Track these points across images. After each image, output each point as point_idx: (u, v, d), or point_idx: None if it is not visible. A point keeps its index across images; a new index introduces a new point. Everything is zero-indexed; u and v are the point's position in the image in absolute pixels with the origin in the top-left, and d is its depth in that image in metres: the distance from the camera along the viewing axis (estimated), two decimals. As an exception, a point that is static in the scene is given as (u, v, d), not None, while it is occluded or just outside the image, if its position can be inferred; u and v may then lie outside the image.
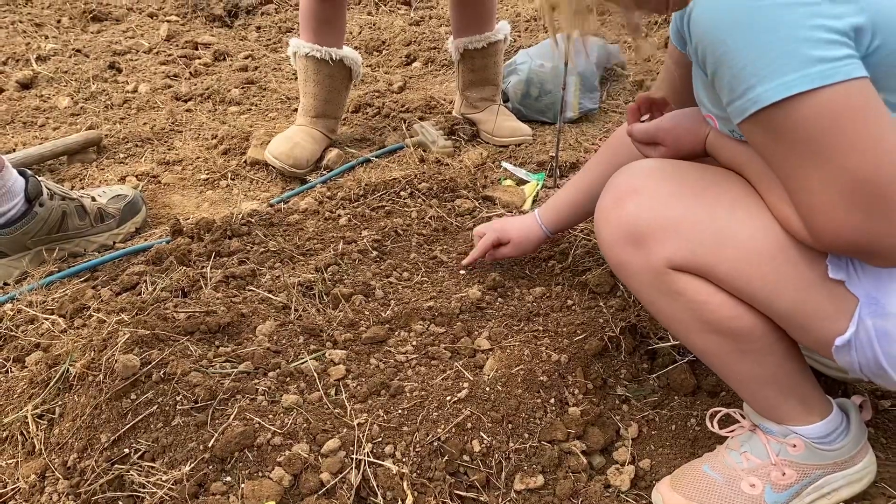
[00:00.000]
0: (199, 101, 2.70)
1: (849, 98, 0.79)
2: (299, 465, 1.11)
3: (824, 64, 0.78)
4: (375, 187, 1.97)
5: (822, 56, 0.78)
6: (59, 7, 3.58)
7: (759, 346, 1.02)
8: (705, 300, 0.99)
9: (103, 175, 2.19)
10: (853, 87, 0.79)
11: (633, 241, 1.01)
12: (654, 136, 1.14)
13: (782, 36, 0.79)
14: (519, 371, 1.28)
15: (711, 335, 1.03)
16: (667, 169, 1.04)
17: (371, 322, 1.45)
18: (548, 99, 2.49)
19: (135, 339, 1.28)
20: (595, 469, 1.22)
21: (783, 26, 0.78)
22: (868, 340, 0.91)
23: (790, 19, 0.78)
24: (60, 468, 1.16)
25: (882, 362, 0.92)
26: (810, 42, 0.78)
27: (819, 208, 0.85)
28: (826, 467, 1.10)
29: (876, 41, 0.80)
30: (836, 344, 0.93)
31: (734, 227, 0.96)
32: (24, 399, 1.27)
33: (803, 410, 1.08)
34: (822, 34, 0.78)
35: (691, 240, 0.97)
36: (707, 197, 0.99)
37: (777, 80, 0.80)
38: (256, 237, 1.75)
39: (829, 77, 0.78)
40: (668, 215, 0.99)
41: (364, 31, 3.43)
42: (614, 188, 1.05)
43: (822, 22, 0.78)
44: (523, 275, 1.61)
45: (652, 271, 1.01)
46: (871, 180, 0.80)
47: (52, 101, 2.66)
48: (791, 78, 0.79)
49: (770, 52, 0.80)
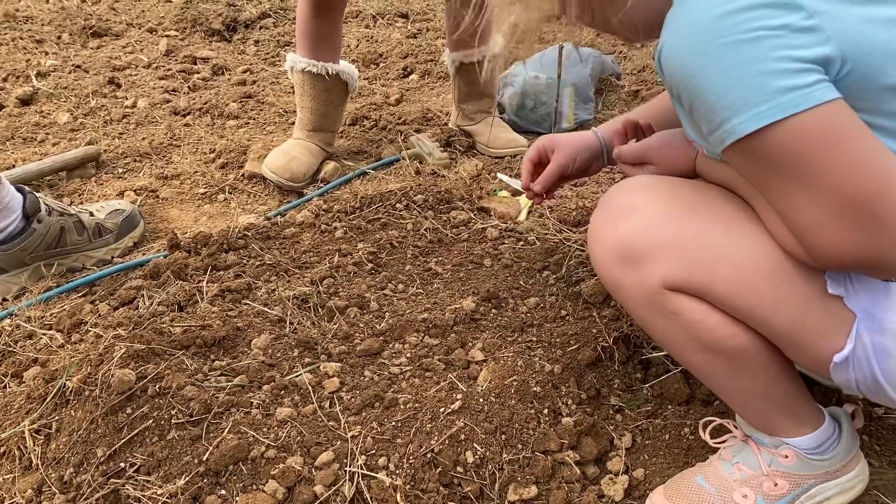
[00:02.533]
0: (198, 115, 2.72)
1: (823, 121, 0.80)
2: (293, 477, 1.11)
3: (794, 92, 0.79)
4: (371, 200, 1.98)
5: (790, 85, 0.79)
6: (60, 23, 3.61)
7: (753, 365, 1.01)
8: (700, 320, 0.99)
9: (102, 190, 2.21)
10: (827, 110, 0.80)
11: (628, 260, 1.00)
12: (644, 156, 1.14)
13: (750, 70, 0.79)
14: (512, 382, 1.29)
15: (706, 354, 1.02)
16: (662, 186, 1.03)
17: (366, 334, 1.46)
18: (543, 110, 2.51)
19: (131, 354, 1.29)
20: (589, 479, 1.22)
21: (750, 60, 0.79)
22: (865, 357, 0.91)
23: (756, 53, 0.79)
24: (57, 483, 1.17)
25: (879, 378, 0.92)
26: (777, 73, 0.79)
27: (811, 229, 0.85)
28: (818, 477, 1.10)
29: (847, 66, 0.81)
30: (835, 361, 0.93)
31: (731, 245, 0.95)
32: (22, 414, 1.28)
33: (795, 423, 1.08)
34: (788, 64, 0.78)
35: (687, 259, 0.96)
36: (703, 215, 0.98)
37: (749, 112, 0.80)
38: (253, 251, 1.76)
39: (799, 104, 0.79)
40: (664, 234, 0.98)
41: (361, 44, 3.46)
42: (608, 205, 1.04)
43: (787, 52, 0.78)
44: (517, 286, 1.62)
45: (647, 291, 1.00)
46: (856, 197, 0.80)
47: (52, 117, 2.68)
48: (762, 109, 0.80)
49: (739, 85, 0.80)
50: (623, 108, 2.72)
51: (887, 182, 0.80)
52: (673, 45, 0.85)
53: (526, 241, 1.80)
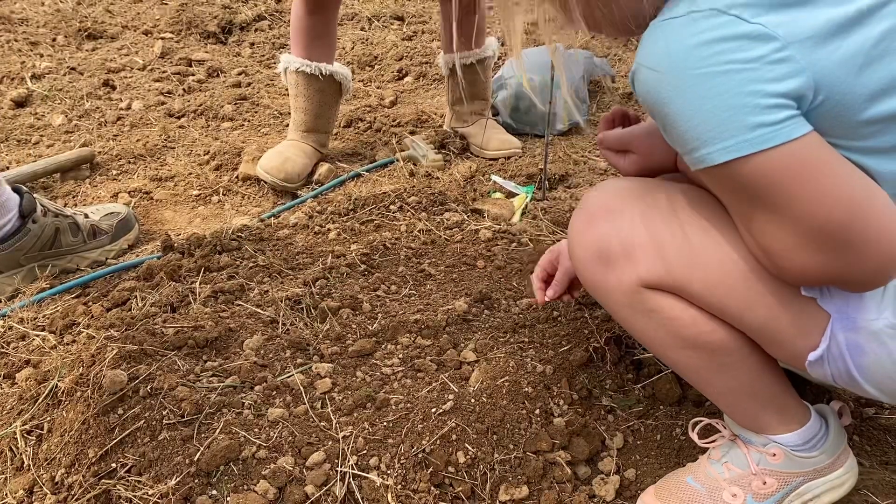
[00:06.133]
0: (192, 117, 2.72)
1: (791, 157, 0.80)
2: (284, 478, 1.12)
3: (763, 128, 0.78)
4: (365, 201, 1.98)
5: (760, 122, 0.78)
6: (55, 25, 3.61)
7: (734, 360, 1.02)
8: (678, 316, 1.00)
9: (96, 192, 2.21)
10: (795, 147, 0.80)
11: (605, 260, 1.01)
12: (628, 143, 1.14)
13: (720, 104, 0.79)
14: (504, 382, 1.30)
15: (687, 350, 1.03)
16: (639, 188, 1.04)
17: (358, 335, 1.46)
18: (537, 112, 2.51)
19: (123, 355, 1.30)
20: (580, 479, 1.22)
21: (722, 94, 0.79)
22: (840, 354, 0.93)
23: (728, 87, 0.78)
24: (48, 483, 1.17)
25: (853, 373, 0.93)
26: (747, 108, 0.78)
27: (779, 252, 0.86)
28: (807, 474, 1.11)
29: (820, 96, 0.80)
30: (810, 359, 0.95)
31: (707, 247, 0.96)
32: (14, 415, 1.28)
33: (781, 420, 1.09)
34: (759, 100, 0.78)
35: (664, 258, 0.98)
36: (680, 217, 0.99)
37: (717, 144, 0.80)
38: (246, 252, 1.76)
39: (768, 141, 0.79)
40: (641, 235, 0.99)
41: (357, 47, 3.46)
42: (586, 208, 1.05)
43: (759, 87, 0.78)
44: (510, 287, 1.63)
45: (625, 290, 1.01)
46: (824, 227, 0.81)
47: (47, 119, 2.68)
48: (731, 143, 0.80)
49: (710, 118, 0.80)
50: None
51: (855, 210, 0.81)
52: (646, 72, 0.85)
53: (519, 243, 1.81)
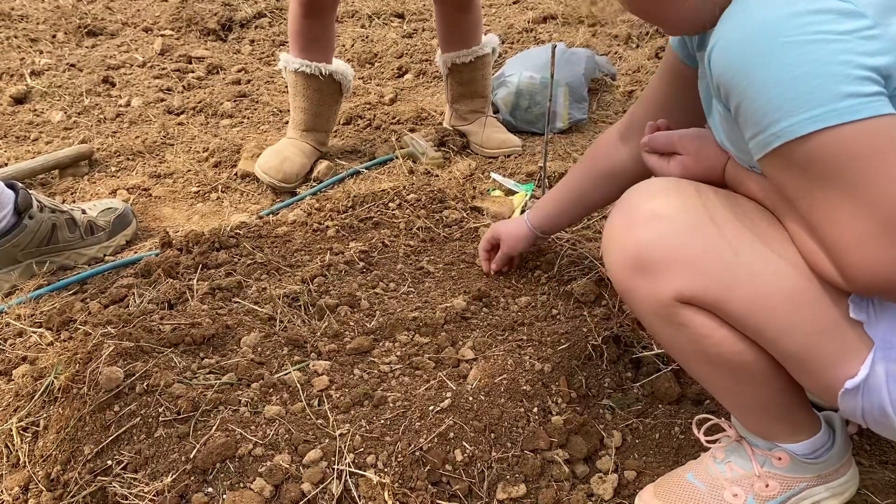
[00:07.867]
0: (192, 114, 2.72)
1: (878, 133, 0.77)
2: (280, 475, 1.11)
3: (853, 99, 0.76)
4: (364, 199, 1.98)
5: (851, 91, 0.76)
6: (55, 22, 3.60)
7: (757, 381, 1.00)
8: (708, 335, 0.97)
9: (95, 188, 2.20)
10: (882, 123, 0.77)
11: (642, 269, 0.97)
12: (676, 144, 1.10)
13: (811, 71, 0.77)
14: (502, 381, 1.29)
15: (710, 366, 1.01)
16: (687, 191, 0.98)
17: (356, 333, 1.46)
18: (538, 110, 2.50)
19: (119, 352, 1.29)
20: (578, 478, 1.22)
21: (813, 61, 0.77)
22: (877, 385, 0.88)
23: (820, 55, 0.77)
24: (44, 480, 1.17)
25: (887, 409, 0.88)
26: (839, 77, 0.76)
27: (847, 245, 0.81)
28: (810, 480, 1.10)
29: None
30: (846, 387, 0.90)
31: (755, 265, 0.92)
32: (10, 412, 1.28)
33: (792, 430, 1.07)
34: (851, 70, 0.76)
35: (705, 275, 0.94)
36: (730, 230, 0.94)
37: (804, 113, 0.78)
38: (244, 249, 1.76)
39: (857, 112, 0.76)
40: (685, 249, 0.94)
41: (357, 44, 3.45)
42: (628, 208, 1.00)
43: (852, 58, 0.76)
44: (509, 285, 1.62)
45: (658, 301, 0.98)
46: None
47: (46, 116, 2.68)
48: (818, 112, 0.77)
49: (798, 86, 0.78)
50: (617, 109, 2.72)
51: None
52: (730, 41, 0.83)
53: (518, 241, 1.80)
